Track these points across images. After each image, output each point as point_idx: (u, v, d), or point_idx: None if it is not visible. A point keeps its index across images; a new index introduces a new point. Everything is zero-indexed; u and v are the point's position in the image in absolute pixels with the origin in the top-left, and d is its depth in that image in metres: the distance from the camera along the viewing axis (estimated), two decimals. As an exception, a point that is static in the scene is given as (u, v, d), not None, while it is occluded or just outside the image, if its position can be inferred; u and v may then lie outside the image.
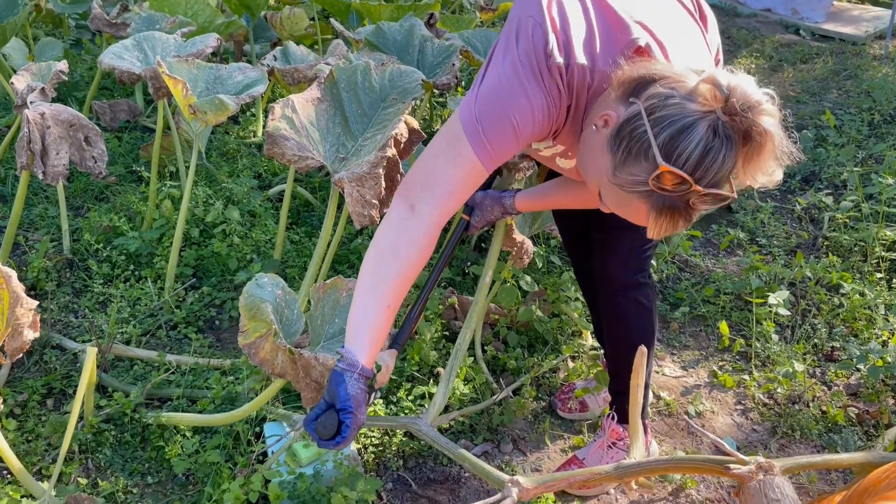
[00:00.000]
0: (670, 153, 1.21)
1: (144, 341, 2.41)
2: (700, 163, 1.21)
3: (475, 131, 1.41)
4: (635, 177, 1.26)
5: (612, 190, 1.34)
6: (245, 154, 3.41)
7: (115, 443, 2.04)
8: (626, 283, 1.87)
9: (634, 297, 1.88)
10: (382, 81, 2.22)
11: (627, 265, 1.86)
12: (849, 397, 2.39)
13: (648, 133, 1.23)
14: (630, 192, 1.29)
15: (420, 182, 1.47)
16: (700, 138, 1.20)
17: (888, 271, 2.93)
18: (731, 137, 1.21)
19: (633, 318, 1.90)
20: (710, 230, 3.31)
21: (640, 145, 1.25)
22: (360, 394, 1.43)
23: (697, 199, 1.24)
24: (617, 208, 1.38)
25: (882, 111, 4.35)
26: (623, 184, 1.29)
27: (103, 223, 2.78)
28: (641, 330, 1.91)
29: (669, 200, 1.25)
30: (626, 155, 1.27)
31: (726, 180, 1.25)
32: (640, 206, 1.30)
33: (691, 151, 1.20)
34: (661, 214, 1.27)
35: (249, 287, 1.77)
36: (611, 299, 1.91)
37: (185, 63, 2.47)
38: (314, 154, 2.14)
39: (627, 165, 1.27)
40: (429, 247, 1.48)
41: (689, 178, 1.21)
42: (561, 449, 2.18)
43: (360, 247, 2.77)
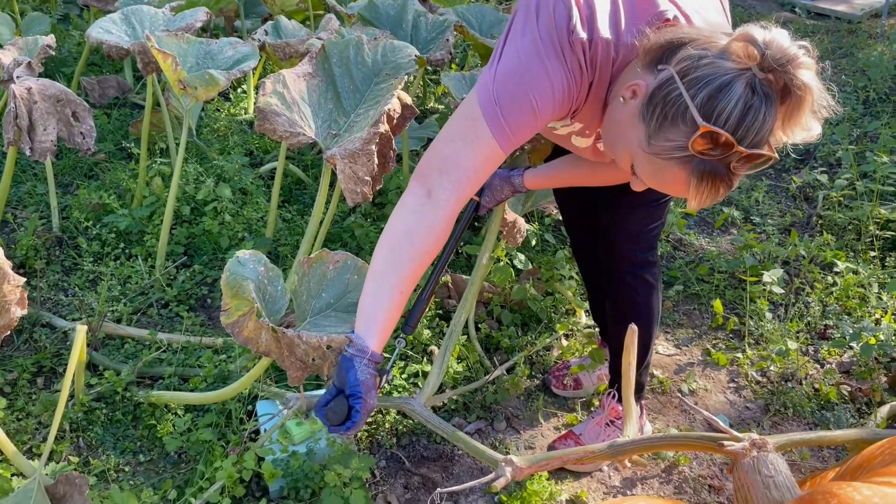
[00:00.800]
0: (709, 113, 1.17)
1: (135, 319, 2.39)
2: (741, 121, 1.16)
3: (493, 113, 1.36)
4: (673, 142, 1.21)
5: (646, 161, 1.29)
6: (236, 131, 3.38)
7: (106, 421, 2.02)
8: (636, 261, 1.86)
9: (643, 275, 1.87)
10: (375, 56, 2.19)
11: (638, 244, 1.84)
12: (841, 375, 2.40)
13: (684, 95, 1.18)
14: (668, 160, 1.24)
15: (437, 166, 1.43)
16: (739, 96, 1.16)
17: (882, 250, 2.92)
18: (770, 94, 1.17)
19: (641, 297, 1.89)
20: (704, 209, 3.30)
21: (675, 108, 1.20)
22: (369, 379, 1.42)
23: (739, 162, 1.20)
24: (653, 180, 1.33)
25: (877, 89, 4.33)
26: (660, 152, 1.24)
27: (93, 200, 2.75)
28: (648, 309, 1.90)
29: (710, 165, 1.20)
30: (662, 121, 1.22)
31: (766, 140, 1.21)
32: (679, 175, 1.24)
33: (731, 110, 1.16)
34: (702, 181, 1.22)
35: (231, 264, 1.74)
36: (619, 279, 1.90)
37: (175, 37, 2.43)
38: (305, 130, 2.11)
39: (663, 131, 1.23)
40: (444, 233, 1.44)
41: (732, 137, 1.16)
42: (554, 427, 2.18)
43: (353, 225, 2.75)
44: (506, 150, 1.40)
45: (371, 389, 1.43)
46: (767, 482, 1.36)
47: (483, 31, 3.07)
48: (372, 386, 1.43)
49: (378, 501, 1.89)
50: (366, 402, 1.41)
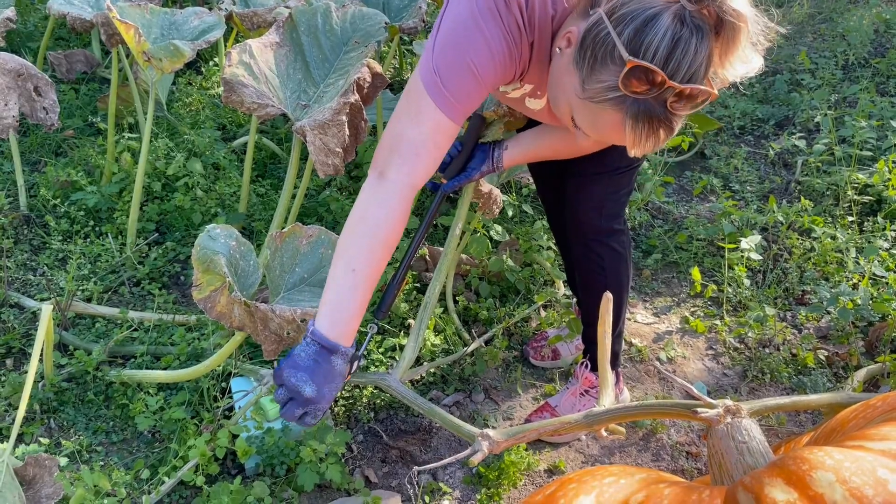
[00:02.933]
0: (637, 48, 1.13)
1: (106, 298, 2.35)
2: (671, 55, 1.13)
3: (434, 84, 1.34)
4: (604, 83, 1.18)
5: (582, 108, 1.26)
6: (208, 105, 3.31)
7: (77, 402, 1.99)
8: (601, 229, 1.82)
9: (608, 243, 1.84)
10: (344, 24, 2.14)
11: (601, 211, 1.81)
12: (819, 340, 2.40)
13: (612, 33, 1.15)
14: (601, 103, 1.20)
15: (386, 147, 1.40)
16: (666, 28, 1.12)
17: (860, 214, 2.92)
18: (701, 27, 1.14)
19: (607, 265, 1.86)
20: (683, 176, 3.29)
21: (604, 49, 1.17)
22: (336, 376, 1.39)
23: (675, 100, 1.16)
24: (592, 129, 1.30)
25: (857, 54, 4.31)
26: (593, 95, 1.21)
27: (61, 178, 2.69)
28: (616, 277, 1.87)
29: (645, 105, 1.17)
30: (593, 63, 1.19)
31: (703, 76, 1.17)
32: (615, 117, 1.21)
33: (658, 42, 1.12)
34: (638, 122, 1.19)
35: (201, 239, 1.71)
36: (584, 247, 1.87)
37: (138, 8, 2.36)
38: (274, 101, 2.06)
39: (595, 74, 1.19)
40: (401, 210, 1.40)
41: (661, 71, 1.13)
42: (533, 397, 2.17)
43: (328, 199, 2.70)
44: (454, 120, 1.37)
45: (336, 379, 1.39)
46: (741, 448, 1.35)
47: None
48: (340, 375, 1.40)
49: (355, 475, 1.88)
50: (324, 405, 1.38)
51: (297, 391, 1.35)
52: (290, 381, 1.35)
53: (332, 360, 1.38)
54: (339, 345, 1.37)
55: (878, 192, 2.97)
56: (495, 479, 1.85)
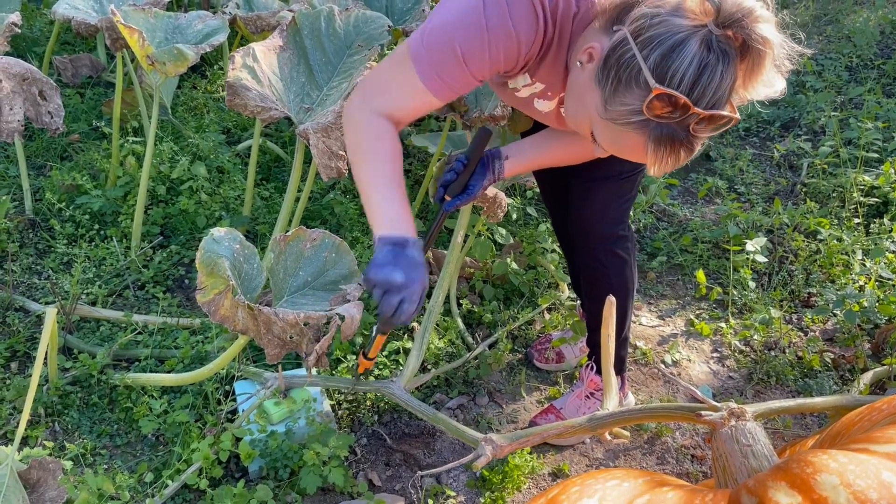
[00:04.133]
0: (663, 74, 1.12)
1: (111, 302, 2.36)
2: (697, 82, 1.12)
3: (418, 55, 1.34)
4: (628, 107, 1.17)
5: (604, 127, 1.25)
6: (213, 108, 3.31)
7: (81, 405, 1.99)
8: (604, 235, 1.82)
9: (612, 249, 1.83)
10: (347, 27, 2.14)
11: (605, 217, 1.81)
12: (825, 343, 2.39)
13: (637, 57, 1.14)
14: (624, 126, 1.20)
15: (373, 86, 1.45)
16: (693, 55, 1.11)
17: (866, 216, 2.91)
18: (728, 52, 1.13)
19: (611, 271, 1.85)
20: (688, 179, 3.28)
21: (629, 71, 1.16)
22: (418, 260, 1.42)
23: (698, 124, 1.15)
24: (613, 147, 1.30)
25: (862, 56, 4.30)
26: (616, 117, 1.21)
27: (66, 182, 2.69)
28: (620, 283, 1.86)
29: (668, 129, 1.16)
30: (616, 84, 1.18)
31: (727, 100, 1.17)
32: (638, 140, 1.21)
33: (685, 70, 1.11)
34: (660, 146, 1.18)
35: (206, 242, 1.71)
36: (588, 252, 1.86)
37: (142, 12, 2.36)
38: (277, 105, 2.06)
39: (618, 96, 1.18)
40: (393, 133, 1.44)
41: (687, 99, 1.12)
42: (537, 400, 2.16)
43: (332, 202, 2.71)
44: (434, 93, 1.38)
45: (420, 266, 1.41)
46: (745, 451, 1.34)
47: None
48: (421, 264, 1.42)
49: (359, 479, 1.87)
50: (416, 288, 1.40)
51: (388, 282, 1.37)
52: (380, 276, 1.37)
53: (407, 250, 1.39)
54: (406, 236, 1.40)
55: (884, 194, 2.96)
56: (499, 483, 1.84)
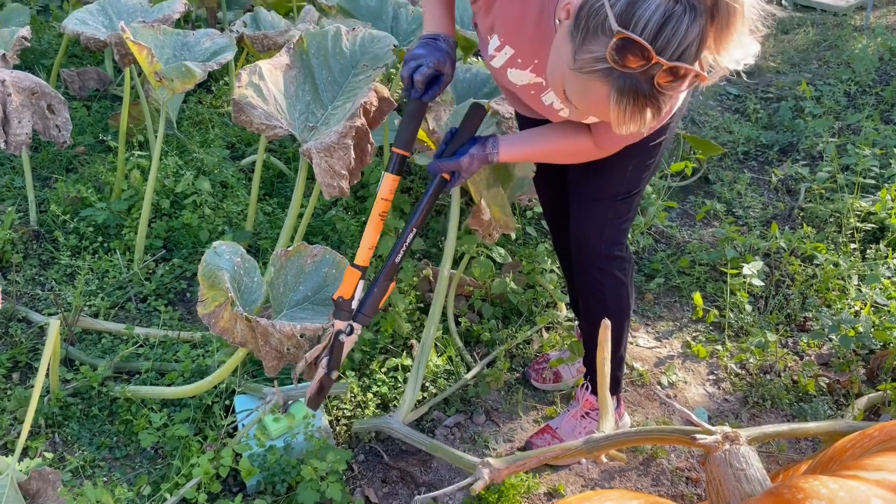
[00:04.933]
0: (627, 20, 1.14)
1: (113, 314, 2.38)
2: (660, 30, 1.13)
3: None
4: (593, 54, 1.18)
5: (572, 78, 1.26)
6: (218, 124, 3.35)
7: (82, 417, 2.01)
8: (602, 255, 1.84)
9: (609, 270, 1.86)
10: (353, 47, 2.18)
11: (602, 237, 1.83)
12: (820, 367, 2.41)
13: (605, 5, 1.16)
14: (590, 73, 1.21)
15: None
16: (659, 3, 1.12)
17: (862, 242, 2.94)
18: (696, 6, 1.14)
19: (608, 292, 1.87)
20: (686, 201, 3.31)
21: (597, 19, 1.17)
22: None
23: (662, 77, 1.16)
24: (580, 101, 1.30)
25: (861, 82, 4.35)
26: (583, 66, 1.21)
27: (71, 194, 2.72)
28: (617, 304, 1.89)
29: (631, 79, 1.17)
30: (585, 34, 1.20)
31: (694, 57, 1.17)
32: (602, 91, 1.21)
33: (650, 17, 1.12)
34: (623, 96, 1.19)
35: (208, 255, 1.74)
36: (586, 273, 1.89)
37: (151, 29, 2.40)
38: (282, 122, 2.09)
39: (586, 44, 1.20)
40: None
41: (649, 46, 1.13)
42: (534, 420, 2.18)
43: (334, 218, 2.73)
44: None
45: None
46: (739, 475, 1.36)
47: (464, 23, 3.05)
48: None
49: (356, 495, 1.89)
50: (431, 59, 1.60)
51: (412, 55, 1.62)
52: (408, 54, 1.63)
53: (438, 42, 1.63)
54: (438, 33, 1.65)
55: (880, 220, 2.99)
56: (495, 502, 1.86)
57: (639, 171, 1.75)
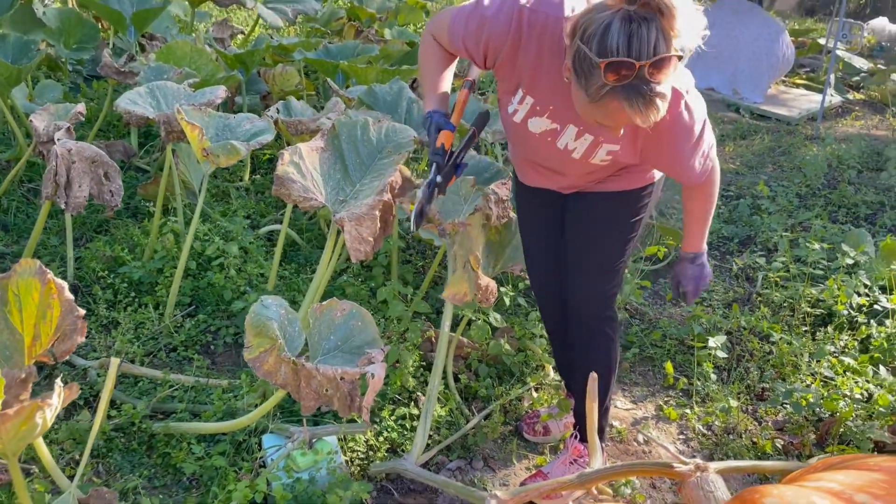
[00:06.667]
0: (603, 51, 1.49)
1: (147, 361, 2.62)
2: (629, 45, 1.47)
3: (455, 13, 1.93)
4: (596, 85, 1.53)
5: (594, 108, 1.61)
6: (235, 196, 3.67)
7: (123, 449, 2.23)
8: (596, 316, 2.18)
9: (602, 329, 2.20)
10: (379, 136, 2.54)
11: (597, 301, 2.17)
12: (776, 431, 2.72)
13: (585, 50, 1.53)
14: (602, 99, 1.55)
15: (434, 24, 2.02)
16: (619, 29, 1.47)
17: (813, 325, 3.31)
18: (647, 17, 1.47)
19: (601, 347, 2.21)
20: (658, 283, 3.68)
21: (587, 63, 1.53)
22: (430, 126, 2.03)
23: (650, 72, 1.49)
24: (607, 119, 1.64)
25: (811, 185, 4.85)
26: (595, 96, 1.56)
27: (106, 253, 2.99)
28: (607, 358, 2.22)
29: (630, 86, 1.50)
30: (586, 77, 1.55)
31: (667, 47, 1.49)
32: (615, 104, 1.55)
33: (617, 41, 1.47)
34: (631, 99, 1.52)
35: (255, 307, 2.02)
36: (582, 331, 2.22)
37: (199, 111, 2.75)
38: (317, 196, 2.41)
39: (590, 83, 1.55)
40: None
41: (627, 58, 1.47)
42: (526, 467, 2.44)
43: (343, 284, 3.03)
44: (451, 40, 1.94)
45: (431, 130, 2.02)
46: (708, 496, 1.66)
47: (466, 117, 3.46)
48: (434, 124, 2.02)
49: (370, 526, 2.12)
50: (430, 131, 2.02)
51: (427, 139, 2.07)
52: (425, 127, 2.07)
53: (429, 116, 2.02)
54: (430, 111, 2.03)
55: (828, 307, 3.37)
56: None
57: (624, 244, 2.13)
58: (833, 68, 6.97)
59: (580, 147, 1.93)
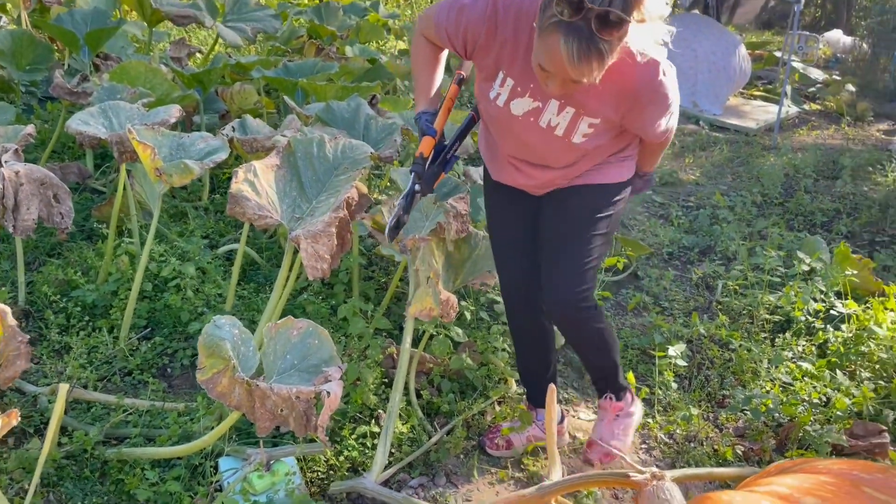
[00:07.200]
0: None
1: (100, 386, 2.56)
2: None
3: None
4: (547, 15, 1.62)
5: (538, 41, 1.68)
6: (193, 216, 3.63)
7: (75, 477, 2.17)
8: (577, 310, 2.19)
9: (586, 321, 2.24)
10: (335, 153, 2.53)
11: (574, 294, 2.17)
12: (737, 438, 2.74)
13: None
14: (545, 30, 1.63)
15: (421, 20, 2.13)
16: None
17: (771, 331, 3.35)
18: None
19: (592, 338, 2.29)
20: (619, 294, 3.70)
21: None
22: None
23: (597, 23, 1.56)
24: (544, 54, 1.68)
25: (768, 194, 4.93)
26: (541, 26, 1.64)
27: (59, 276, 2.93)
28: (601, 342, 2.31)
29: (573, 26, 1.58)
30: (542, 11, 1.64)
31: (622, 9, 1.56)
32: (554, 38, 1.61)
33: None
34: (568, 39, 1.59)
35: (208, 328, 1.99)
36: (567, 326, 2.29)
37: (152, 130, 2.71)
38: (272, 214, 2.40)
39: (543, 15, 1.64)
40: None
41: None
42: (489, 482, 2.43)
43: (304, 302, 3.00)
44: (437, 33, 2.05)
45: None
46: (664, 504, 1.66)
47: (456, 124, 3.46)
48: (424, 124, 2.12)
49: (331, 547, 2.08)
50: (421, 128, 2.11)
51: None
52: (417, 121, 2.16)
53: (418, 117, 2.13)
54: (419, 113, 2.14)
55: (786, 313, 3.42)
56: (457, 550, 2.08)
57: (598, 240, 2.18)
58: (789, 80, 7.13)
59: (562, 122, 1.97)
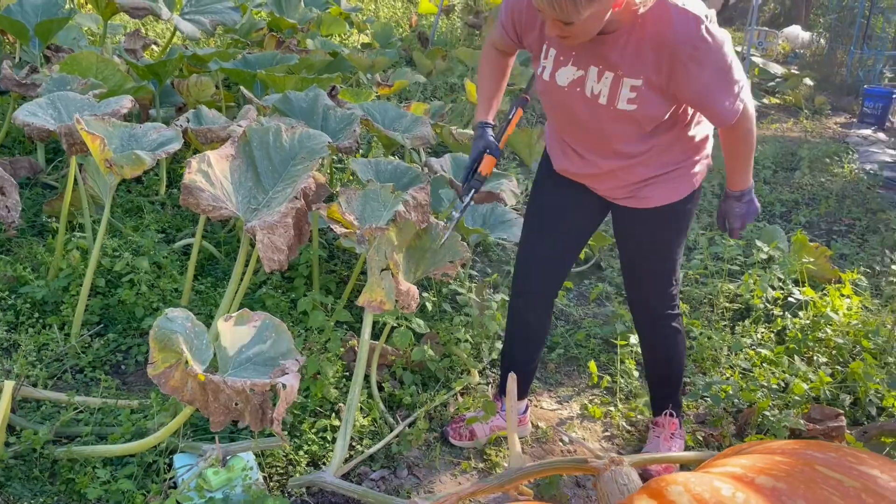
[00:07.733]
0: None
1: (51, 384, 2.48)
2: None
3: None
4: None
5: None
6: (149, 210, 3.55)
7: (24, 478, 2.10)
8: (661, 314, 2.33)
9: (670, 324, 2.35)
10: (292, 142, 2.48)
11: (664, 301, 2.31)
12: (697, 424, 2.76)
13: None
14: None
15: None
16: None
17: (731, 319, 3.38)
18: None
19: (669, 343, 2.37)
20: (582, 284, 3.71)
21: None
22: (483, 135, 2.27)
23: None
24: None
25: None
26: None
27: (7, 273, 2.84)
28: (676, 353, 2.39)
29: None
30: None
31: None
32: None
33: None
34: None
35: (160, 321, 1.93)
36: (647, 329, 2.40)
37: (102, 121, 2.64)
38: (227, 205, 2.34)
39: None
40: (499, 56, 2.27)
41: None
42: (451, 473, 2.41)
43: (263, 296, 2.95)
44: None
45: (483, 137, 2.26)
46: (622, 489, 1.66)
47: (386, 124, 3.43)
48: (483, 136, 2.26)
49: (290, 543, 2.05)
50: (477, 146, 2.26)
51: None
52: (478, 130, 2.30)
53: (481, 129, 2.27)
54: (482, 123, 2.28)
55: (745, 301, 3.46)
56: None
57: (677, 251, 2.25)
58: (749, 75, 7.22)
59: (604, 89, 1.94)
